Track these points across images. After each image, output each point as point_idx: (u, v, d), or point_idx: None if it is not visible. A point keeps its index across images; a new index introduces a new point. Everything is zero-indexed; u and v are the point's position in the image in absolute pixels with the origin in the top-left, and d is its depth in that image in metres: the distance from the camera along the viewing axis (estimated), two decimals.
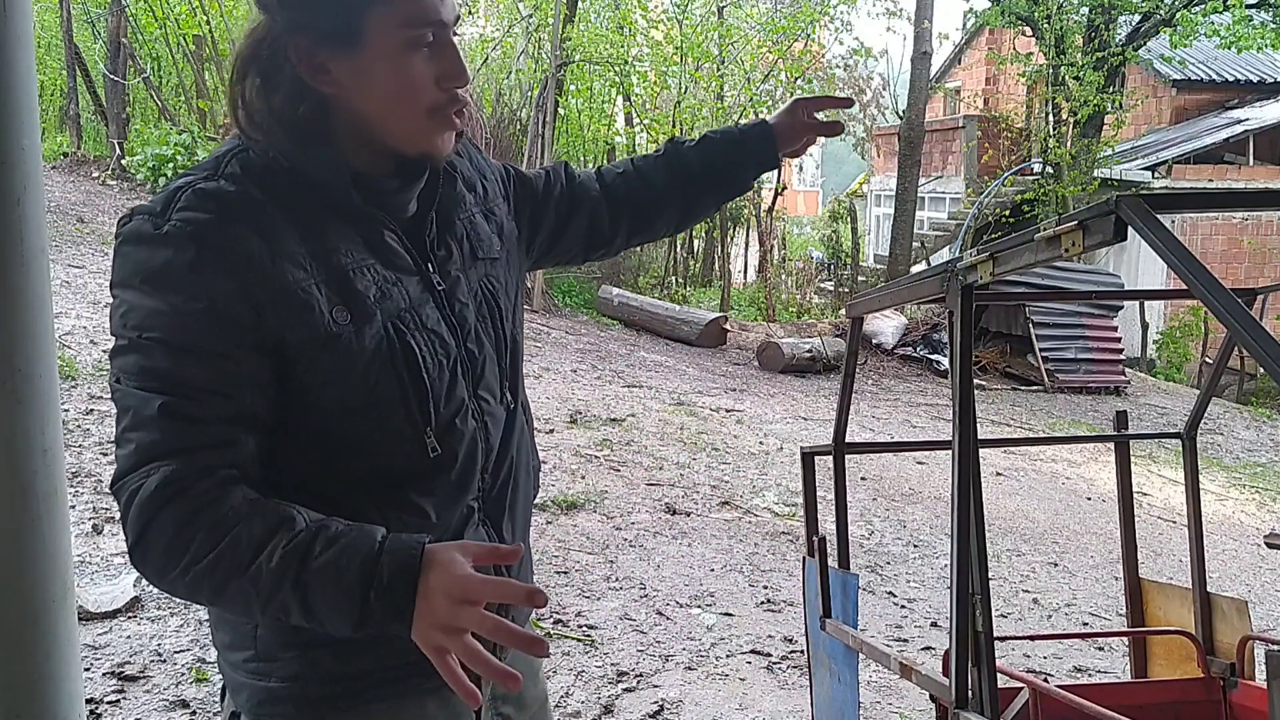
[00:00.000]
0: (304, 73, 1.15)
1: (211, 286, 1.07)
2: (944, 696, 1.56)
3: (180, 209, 1.09)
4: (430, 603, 0.99)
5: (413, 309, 1.20)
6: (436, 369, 1.20)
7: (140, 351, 1.07)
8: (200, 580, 1.04)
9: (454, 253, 1.29)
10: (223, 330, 1.08)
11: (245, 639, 1.20)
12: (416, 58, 1.16)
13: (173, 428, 1.06)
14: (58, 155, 12.04)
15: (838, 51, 18.25)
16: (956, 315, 1.52)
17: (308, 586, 1.02)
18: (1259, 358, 0.98)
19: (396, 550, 1.02)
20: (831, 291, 16.84)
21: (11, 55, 1.40)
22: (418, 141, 1.20)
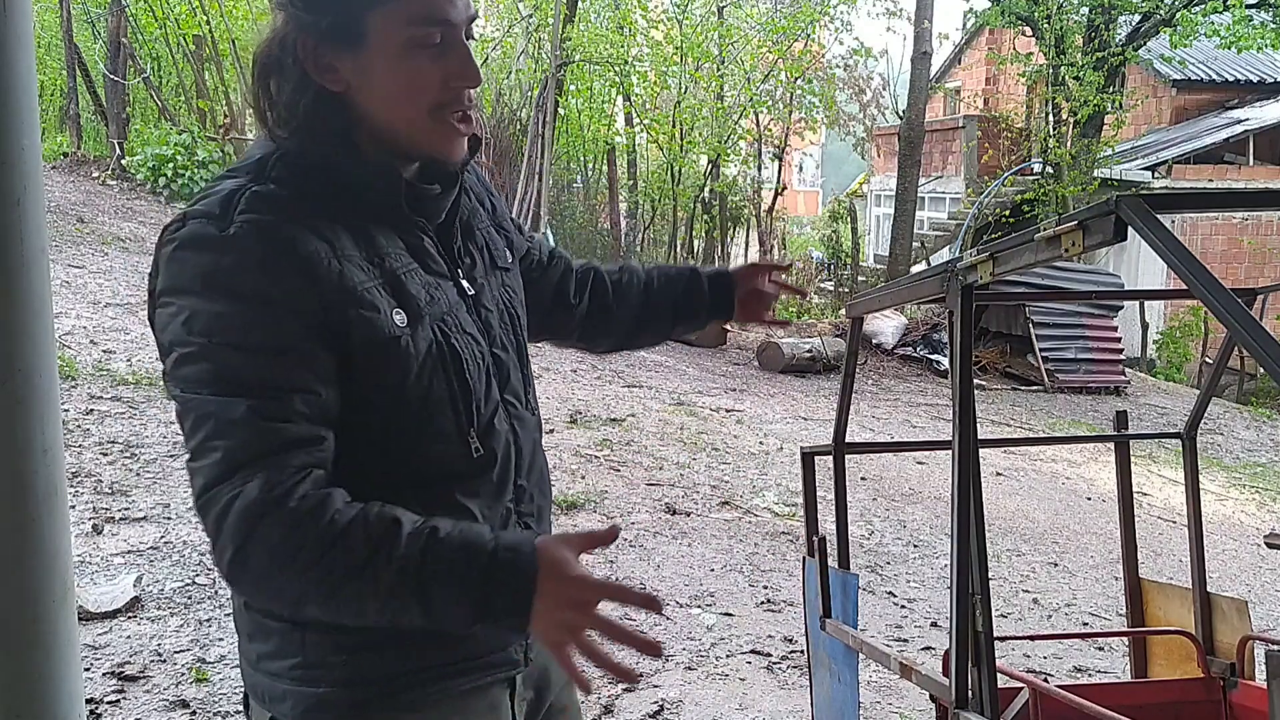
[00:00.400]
0: (312, 71, 1.15)
1: (282, 285, 1.07)
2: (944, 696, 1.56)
3: (242, 211, 1.09)
4: (547, 602, 1.01)
5: (453, 312, 1.22)
6: (476, 371, 1.22)
7: (212, 358, 1.05)
8: (310, 586, 1.03)
9: (477, 260, 1.31)
10: (297, 328, 1.07)
11: (291, 646, 1.19)
12: (422, 57, 1.15)
13: (261, 431, 1.04)
14: (58, 155, 12.04)
15: (838, 51, 18.24)
16: (956, 315, 1.52)
17: (428, 589, 1.02)
18: (1259, 358, 0.98)
19: (510, 549, 1.04)
20: (831, 291, 16.84)
21: (11, 55, 1.40)
22: (424, 142, 1.19)
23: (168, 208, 10.70)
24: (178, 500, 4.29)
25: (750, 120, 15.57)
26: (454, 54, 1.17)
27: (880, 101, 22.71)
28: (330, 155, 1.17)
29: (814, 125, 16.85)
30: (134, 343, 6.09)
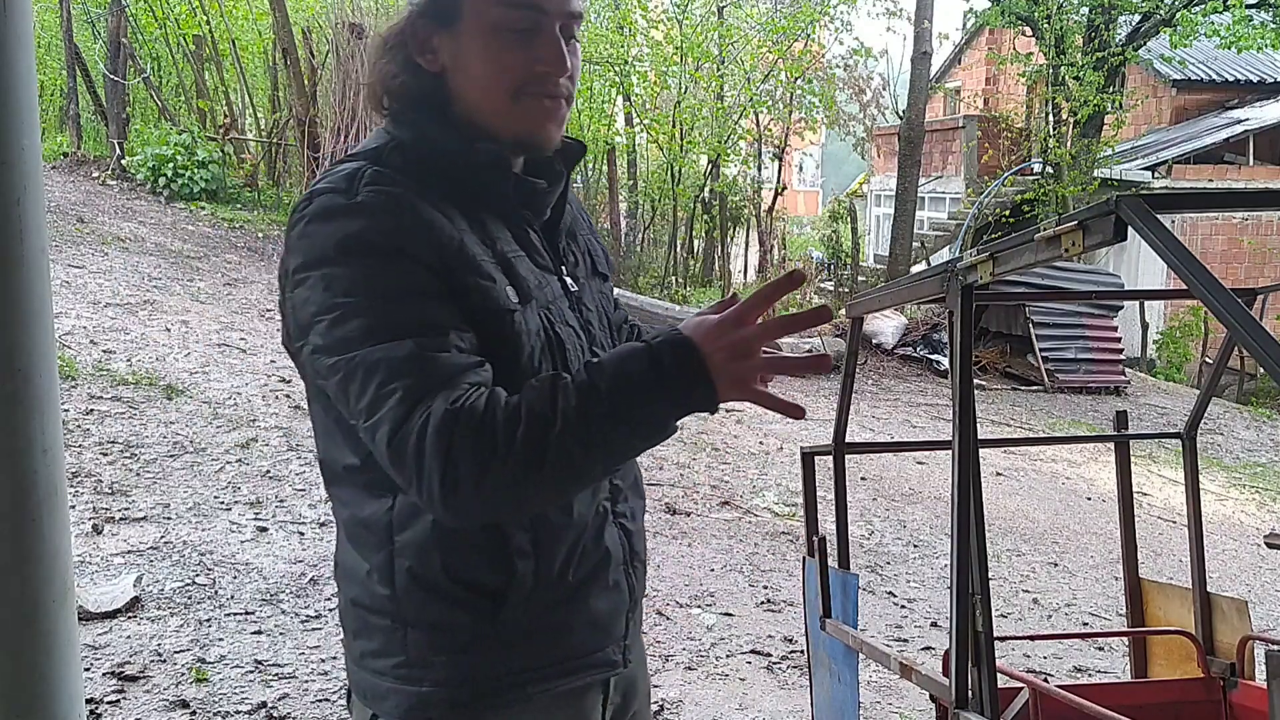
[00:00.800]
0: (415, 52, 1.21)
1: (410, 243, 1.11)
2: (944, 696, 1.56)
3: (367, 184, 1.14)
4: (711, 348, 1.03)
5: (555, 300, 1.25)
6: (576, 359, 1.24)
7: (365, 313, 1.08)
8: (522, 460, 1.02)
9: (580, 261, 1.35)
10: (433, 278, 1.11)
11: (394, 645, 1.21)
12: (509, 39, 1.18)
13: (431, 363, 1.06)
14: (58, 155, 12.04)
15: (838, 51, 18.24)
16: (956, 315, 1.52)
17: (613, 401, 1.03)
18: (1259, 358, 0.98)
19: (657, 334, 1.07)
20: (831, 291, 16.84)
21: (11, 55, 1.40)
22: (508, 125, 1.21)
23: (168, 208, 10.70)
24: (178, 500, 4.29)
25: (750, 120, 15.57)
26: (542, 39, 1.19)
27: (880, 101, 22.72)
28: (440, 143, 1.20)
29: (814, 125, 16.86)
30: (134, 343, 6.09)
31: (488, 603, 1.20)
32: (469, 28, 1.18)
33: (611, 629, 1.31)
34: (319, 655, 3.28)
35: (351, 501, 1.23)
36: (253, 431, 5.17)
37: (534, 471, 1.03)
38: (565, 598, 1.25)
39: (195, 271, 8.47)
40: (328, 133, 11.23)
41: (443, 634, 1.20)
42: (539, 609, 1.23)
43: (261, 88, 14.34)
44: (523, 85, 1.19)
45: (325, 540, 4.17)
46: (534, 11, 1.18)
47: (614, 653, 1.31)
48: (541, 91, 1.20)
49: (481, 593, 1.20)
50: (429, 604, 1.20)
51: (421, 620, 1.20)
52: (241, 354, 6.44)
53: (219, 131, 12.24)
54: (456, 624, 1.20)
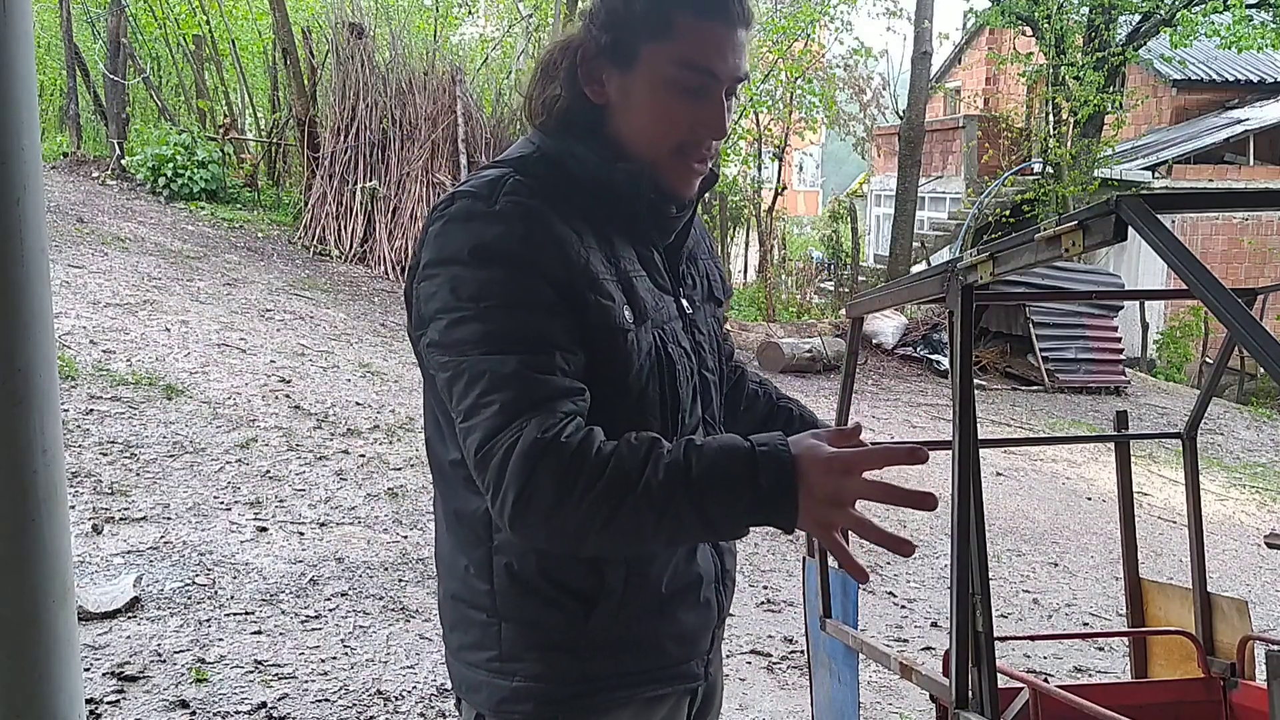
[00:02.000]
0: (581, 78, 1.26)
1: (540, 256, 1.16)
2: (944, 696, 1.56)
3: (507, 193, 1.19)
4: (811, 480, 1.03)
5: (670, 321, 1.29)
6: (685, 384, 1.29)
7: (483, 319, 1.13)
8: (594, 509, 1.06)
9: (698, 285, 1.40)
10: (553, 294, 1.15)
11: (489, 639, 1.27)
12: (680, 97, 1.23)
13: (532, 382, 1.11)
14: (58, 155, 12.03)
15: (838, 51, 18.25)
16: (956, 315, 1.52)
17: (698, 490, 1.04)
18: (1259, 358, 0.98)
19: (766, 443, 1.06)
20: (831, 291, 16.85)
21: (11, 55, 1.40)
22: (660, 174, 1.26)
23: (167, 208, 10.70)
24: (177, 500, 4.29)
25: (750, 120, 15.56)
26: (708, 103, 1.23)
27: (880, 101, 22.72)
28: (583, 159, 1.25)
29: (814, 125, 16.85)
30: (133, 343, 6.09)
31: (579, 606, 1.24)
32: (642, 76, 1.23)
33: (698, 643, 1.34)
34: (319, 655, 3.28)
35: (453, 495, 1.28)
36: (252, 431, 5.17)
37: (602, 524, 1.07)
38: (655, 610, 1.28)
39: (195, 271, 8.46)
40: (328, 133, 11.22)
41: (536, 631, 1.24)
42: (629, 618, 1.27)
43: (261, 88, 14.34)
44: (682, 144, 1.25)
45: (325, 540, 4.17)
46: (707, 76, 1.22)
47: (698, 666, 1.35)
48: (699, 153, 1.26)
49: (575, 596, 1.24)
50: (524, 602, 1.24)
51: (516, 617, 1.25)
52: (241, 354, 6.44)
53: (219, 131, 12.23)
54: (549, 623, 1.24)
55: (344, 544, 4.19)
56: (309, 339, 7.35)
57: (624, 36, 1.23)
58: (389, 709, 3.04)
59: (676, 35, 1.21)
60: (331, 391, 6.11)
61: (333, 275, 9.94)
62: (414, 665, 3.30)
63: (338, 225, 10.80)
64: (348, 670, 3.22)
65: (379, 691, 3.12)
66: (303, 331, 7.53)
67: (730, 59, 1.23)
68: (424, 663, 3.33)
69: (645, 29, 1.22)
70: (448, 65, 11.39)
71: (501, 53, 15.58)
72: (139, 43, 13.88)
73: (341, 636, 3.44)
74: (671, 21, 1.21)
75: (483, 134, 11.24)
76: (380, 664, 3.29)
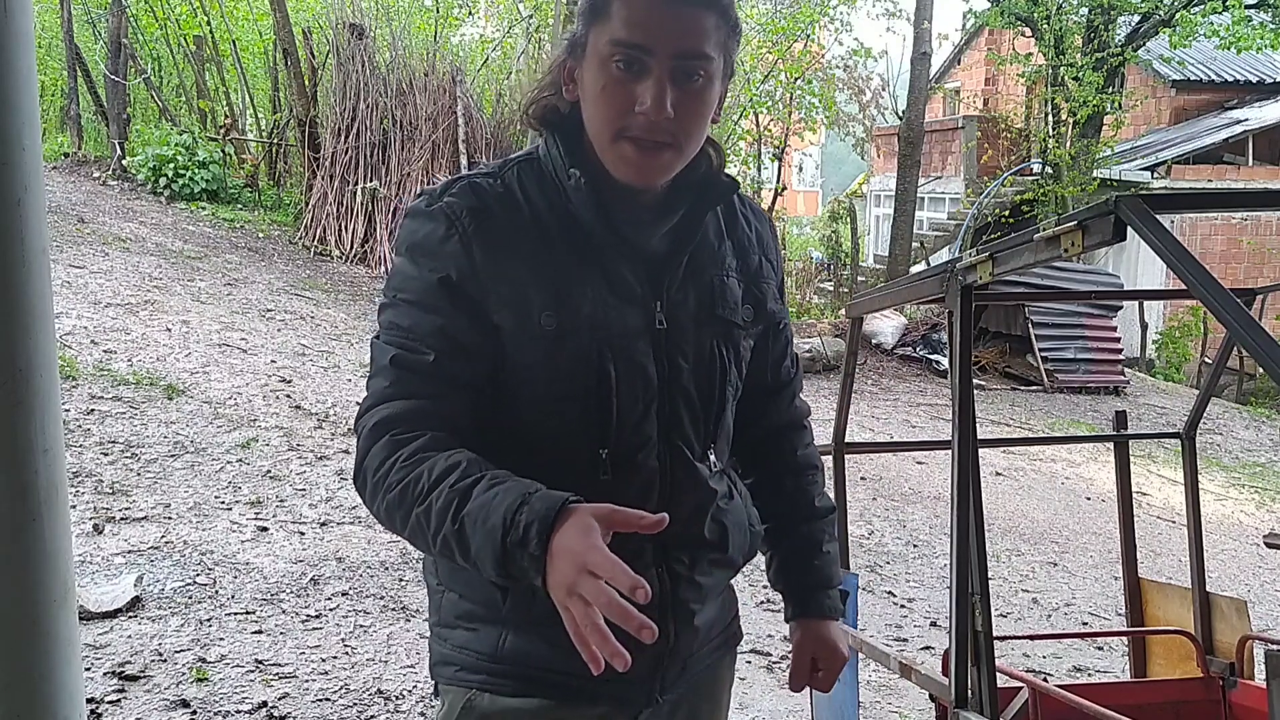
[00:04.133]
0: (564, 79, 1.26)
1: (453, 259, 1.18)
2: (944, 696, 1.56)
3: (451, 194, 1.22)
4: (557, 562, 1.00)
5: (625, 336, 1.23)
6: (629, 400, 1.23)
7: (393, 309, 1.21)
8: (391, 510, 1.13)
9: (690, 300, 1.29)
10: (454, 299, 1.18)
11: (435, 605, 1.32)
12: (616, 77, 1.18)
13: (397, 376, 1.18)
14: (58, 155, 12.03)
15: (838, 52, 18.22)
16: (956, 315, 1.52)
17: (462, 526, 1.06)
18: (1258, 358, 0.98)
19: (539, 502, 1.03)
20: (831, 291, 16.84)
21: (12, 55, 1.40)
22: (607, 162, 1.22)
23: (168, 208, 10.70)
24: (178, 500, 4.29)
25: (750, 120, 15.56)
26: (647, 81, 1.18)
27: (880, 102, 22.71)
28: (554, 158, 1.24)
29: (814, 125, 16.85)
30: (134, 343, 6.09)
31: (496, 591, 1.23)
32: (588, 63, 1.21)
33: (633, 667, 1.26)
34: (319, 655, 3.28)
35: None
36: (253, 431, 5.17)
37: (399, 523, 1.13)
38: None
39: (196, 272, 8.46)
40: (328, 133, 11.22)
41: (465, 602, 1.27)
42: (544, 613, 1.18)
43: (262, 88, 14.33)
44: (622, 128, 1.19)
45: (325, 540, 4.17)
46: (639, 51, 1.17)
47: (635, 691, 1.30)
48: (638, 135, 1.19)
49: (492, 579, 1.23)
50: (457, 572, 1.26)
51: (454, 586, 1.28)
52: (242, 354, 6.44)
53: (219, 132, 12.23)
54: (475, 596, 1.26)
55: (345, 543, 4.19)
56: (310, 339, 7.35)
57: (580, 26, 1.22)
58: (389, 708, 3.04)
59: (612, 14, 1.18)
60: (332, 391, 6.12)
61: (333, 275, 9.94)
62: (414, 665, 3.30)
63: (338, 225, 10.80)
64: (348, 670, 3.22)
65: (379, 691, 3.12)
66: (303, 331, 7.54)
67: (670, 34, 1.17)
68: (424, 662, 3.32)
69: (590, 13, 1.21)
70: (448, 66, 11.39)
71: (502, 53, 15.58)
72: (140, 43, 13.88)
73: (342, 636, 3.44)
74: (609, 1, 1.19)
75: (483, 134, 11.24)
76: (381, 663, 3.29)
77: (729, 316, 1.32)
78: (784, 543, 1.50)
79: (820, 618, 1.48)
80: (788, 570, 1.51)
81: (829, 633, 1.48)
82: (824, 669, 1.49)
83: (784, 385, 1.48)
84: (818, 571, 1.49)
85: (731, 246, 1.35)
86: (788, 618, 1.52)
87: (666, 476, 1.26)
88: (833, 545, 1.52)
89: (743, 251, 1.37)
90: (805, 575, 1.49)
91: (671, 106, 1.18)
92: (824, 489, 1.54)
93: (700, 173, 1.30)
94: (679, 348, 1.27)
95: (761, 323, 1.38)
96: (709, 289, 1.31)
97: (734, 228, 1.36)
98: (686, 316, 1.28)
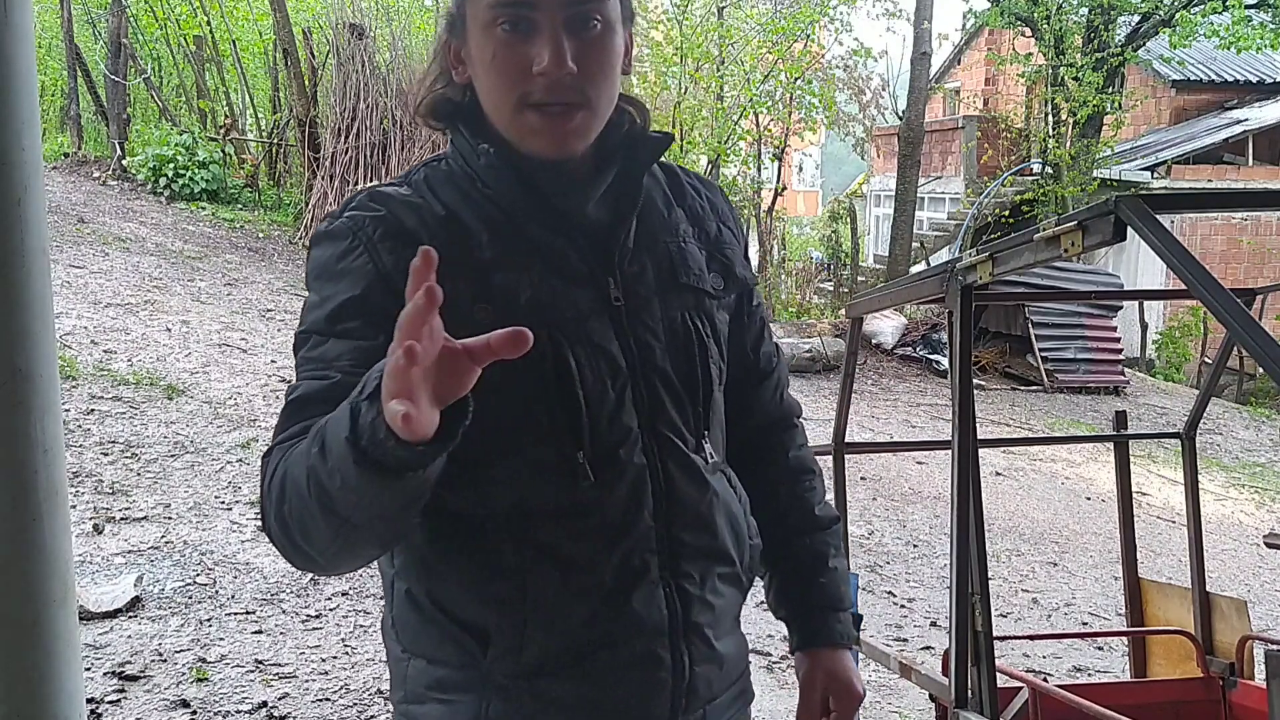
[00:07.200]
0: (451, 64, 1.14)
1: (360, 274, 1.05)
2: (944, 696, 1.56)
3: (352, 207, 1.10)
4: None
5: (580, 320, 1.09)
6: (597, 388, 1.08)
7: (305, 346, 1.07)
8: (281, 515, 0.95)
9: (648, 271, 1.15)
10: (367, 317, 1.04)
11: (399, 677, 1.15)
12: (506, 41, 1.06)
13: (294, 410, 1.02)
14: (58, 155, 12.03)
15: (838, 52, 18.22)
16: (956, 315, 1.53)
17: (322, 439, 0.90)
18: (1258, 358, 0.98)
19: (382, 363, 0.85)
20: (831, 291, 16.84)
21: (12, 55, 1.40)
22: (517, 138, 1.10)
23: (168, 208, 10.70)
24: (178, 500, 4.29)
25: (750, 120, 15.56)
26: (538, 40, 1.05)
27: (880, 102, 22.70)
28: (460, 147, 1.14)
29: (814, 125, 16.85)
30: (134, 343, 6.09)
31: (474, 641, 1.08)
32: (471, 35, 1.10)
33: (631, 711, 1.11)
34: (319, 655, 3.28)
35: None
36: (253, 431, 5.17)
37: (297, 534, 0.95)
38: (571, 661, 1.08)
39: (196, 271, 8.47)
40: (328, 133, 11.23)
41: (436, 668, 1.10)
42: (534, 664, 1.08)
43: (262, 88, 14.34)
44: (523, 95, 1.07)
45: None
46: (522, 8, 1.05)
47: None
48: (542, 100, 1.06)
49: (467, 629, 1.08)
50: (424, 633, 1.11)
51: (420, 651, 1.11)
52: (242, 354, 6.44)
53: (219, 132, 12.24)
54: (447, 660, 1.10)
55: None
56: None
57: (455, 2, 1.12)
58: (390, 709, 3.04)
59: None
60: None
61: None
62: None
63: None
64: (348, 670, 3.22)
65: (379, 691, 3.12)
66: None
67: None
68: None
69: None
70: None
71: None
72: (140, 43, 13.88)
73: (342, 636, 3.44)
74: None
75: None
76: (381, 663, 3.29)
77: (696, 284, 1.18)
78: (783, 560, 1.32)
79: (831, 646, 1.29)
80: (789, 592, 1.32)
81: (842, 665, 1.28)
82: (838, 710, 1.27)
83: (766, 374, 1.32)
84: (824, 591, 1.30)
85: (684, 214, 1.22)
86: (793, 648, 1.32)
87: (658, 474, 1.11)
88: (840, 560, 1.33)
89: (697, 218, 1.24)
90: (810, 597, 1.31)
91: (573, 61, 1.05)
92: (825, 496, 1.36)
93: (623, 131, 1.16)
94: (645, 325, 1.13)
95: (734, 289, 1.23)
96: (666, 256, 1.17)
97: (682, 195, 1.24)
98: (647, 290, 1.14)
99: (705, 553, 1.14)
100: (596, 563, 1.08)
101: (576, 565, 1.07)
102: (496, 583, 1.07)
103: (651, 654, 1.10)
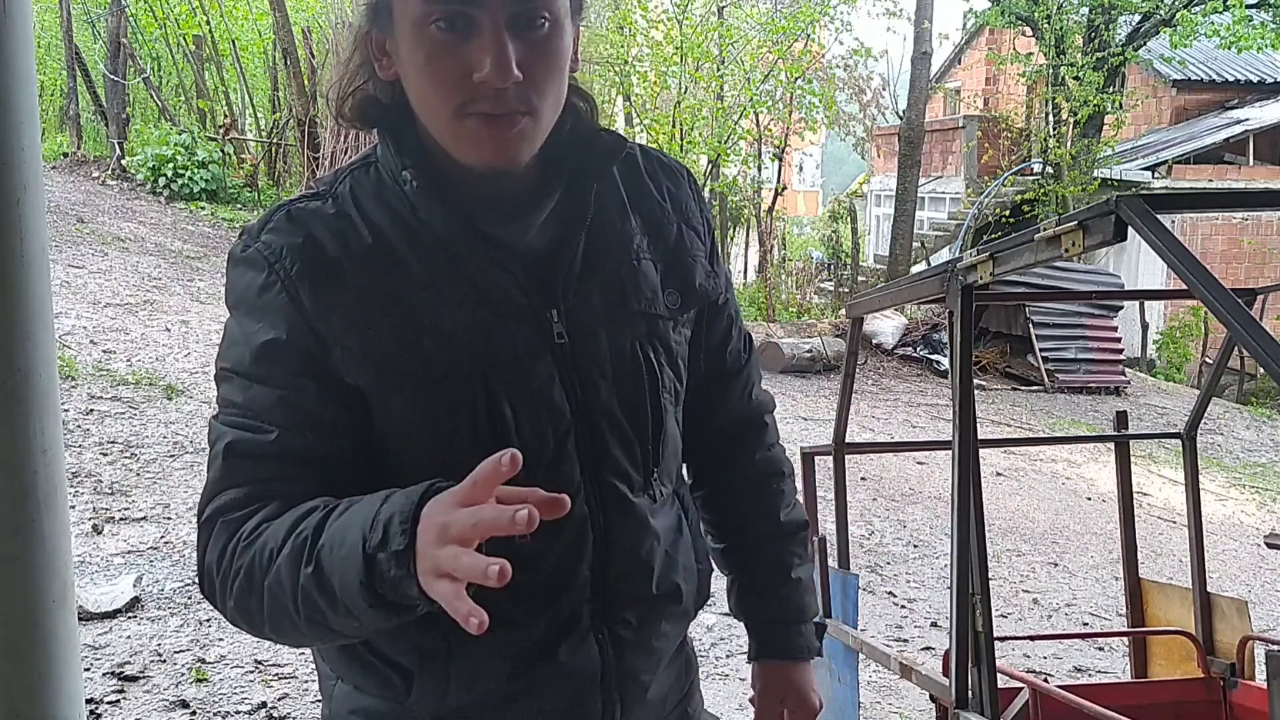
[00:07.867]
0: (373, 55, 1.01)
1: (280, 314, 0.97)
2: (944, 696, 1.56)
3: (269, 230, 1.01)
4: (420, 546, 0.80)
5: (518, 361, 1.00)
6: (536, 440, 1.00)
7: (226, 382, 1.00)
8: (243, 597, 0.92)
9: (594, 300, 1.04)
10: (288, 363, 0.97)
11: (326, 697, 1.12)
12: (443, 42, 0.94)
13: (232, 466, 0.96)
14: (58, 155, 12.04)
15: (838, 52, 18.23)
16: (956, 315, 1.52)
17: (319, 564, 0.85)
18: (1259, 358, 0.98)
19: (399, 496, 0.83)
20: (831, 291, 16.84)
21: (11, 55, 1.40)
22: (455, 149, 0.98)
23: (168, 208, 10.70)
24: (178, 500, 4.29)
25: (750, 120, 15.56)
26: (477, 41, 0.93)
27: (880, 101, 22.72)
28: (383, 159, 1.03)
29: (814, 125, 16.85)
30: (134, 343, 6.09)
31: (398, 677, 1.04)
32: (400, 29, 0.96)
33: None
34: None
35: None
36: None
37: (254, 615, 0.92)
38: (499, 702, 1.05)
39: (195, 271, 8.47)
40: (328, 133, 11.23)
41: (360, 695, 1.07)
42: (453, 712, 1.05)
43: (261, 88, 14.35)
44: (461, 103, 0.95)
45: None
46: (459, 4, 0.93)
47: None
48: (484, 109, 0.95)
49: (392, 666, 1.04)
50: (349, 663, 1.07)
51: (346, 676, 1.08)
52: None
53: (219, 131, 12.24)
54: (371, 689, 1.06)
55: None
56: None
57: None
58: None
59: None
60: None
61: None
62: None
63: None
64: None
65: None
66: None
67: None
68: None
69: None
70: None
71: None
72: (139, 43, 13.89)
73: None
74: None
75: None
76: None
77: (648, 309, 1.07)
78: (746, 567, 1.27)
79: (789, 659, 1.26)
80: (749, 600, 1.27)
81: (799, 678, 1.25)
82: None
83: (733, 374, 1.23)
84: (786, 602, 1.25)
85: (640, 223, 1.10)
86: (751, 657, 1.28)
87: (598, 524, 1.04)
88: (805, 570, 1.27)
89: (655, 226, 1.11)
90: (771, 607, 1.26)
91: (517, 66, 0.93)
92: (795, 499, 1.28)
93: (566, 131, 1.04)
94: (591, 362, 1.03)
95: (692, 305, 1.12)
96: (616, 280, 1.06)
97: (640, 197, 1.11)
98: (593, 320, 1.04)
99: (643, 598, 1.09)
100: (531, 620, 1.03)
101: (508, 622, 1.01)
102: (425, 635, 1.01)
103: (580, 702, 1.07)
